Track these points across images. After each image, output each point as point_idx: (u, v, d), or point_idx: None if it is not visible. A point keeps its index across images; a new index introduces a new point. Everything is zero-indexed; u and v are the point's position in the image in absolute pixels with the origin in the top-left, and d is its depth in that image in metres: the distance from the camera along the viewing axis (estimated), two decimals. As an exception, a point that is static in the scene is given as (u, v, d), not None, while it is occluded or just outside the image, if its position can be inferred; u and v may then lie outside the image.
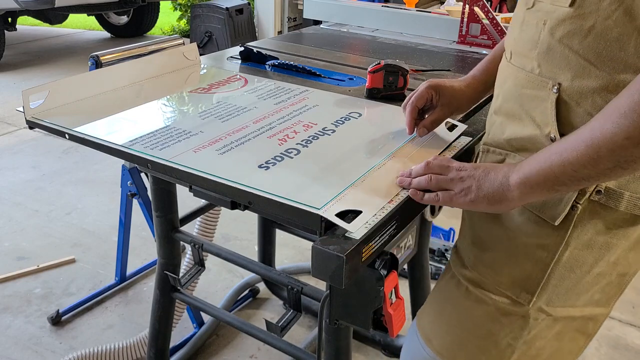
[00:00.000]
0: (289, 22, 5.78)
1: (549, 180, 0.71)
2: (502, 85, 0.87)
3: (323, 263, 0.73)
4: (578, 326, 0.88)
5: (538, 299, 0.84)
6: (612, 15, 0.68)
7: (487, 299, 0.88)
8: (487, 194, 0.77)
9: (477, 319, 0.90)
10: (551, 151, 0.71)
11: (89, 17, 6.71)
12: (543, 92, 0.77)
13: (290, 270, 2.20)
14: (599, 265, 0.80)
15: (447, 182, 0.82)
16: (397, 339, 1.82)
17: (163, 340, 1.57)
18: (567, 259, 0.80)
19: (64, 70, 4.96)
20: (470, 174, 0.80)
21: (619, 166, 0.65)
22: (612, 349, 1.89)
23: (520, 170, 0.74)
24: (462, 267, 0.93)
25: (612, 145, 0.64)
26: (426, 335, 0.99)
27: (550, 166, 0.70)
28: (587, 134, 0.66)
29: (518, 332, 0.87)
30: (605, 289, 0.84)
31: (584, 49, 0.72)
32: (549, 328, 0.86)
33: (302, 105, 1.22)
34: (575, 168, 0.67)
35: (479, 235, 0.91)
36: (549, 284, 0.82)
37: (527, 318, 0.85)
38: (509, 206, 0.77)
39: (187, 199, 1.25)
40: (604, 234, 0.78)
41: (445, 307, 0.97)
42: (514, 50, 0.85)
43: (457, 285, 0.93)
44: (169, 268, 1.43)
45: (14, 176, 3.01)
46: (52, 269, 2.23)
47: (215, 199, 0.96)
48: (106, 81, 1.28)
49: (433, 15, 2.05)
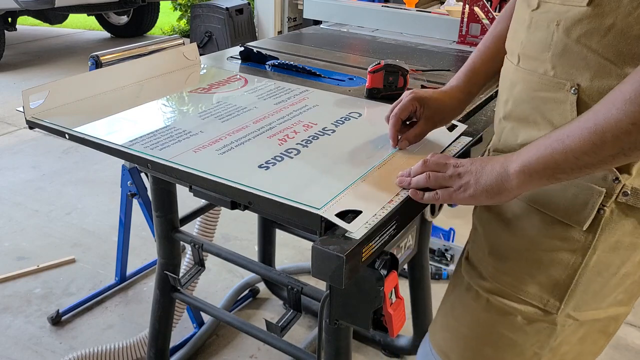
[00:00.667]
0: (289, 22, 5.78)
1: (549, 167, 0.70)
2: (511, 90, 0.85)
3: (323, 263, 0.73)
4: (601, 327, 0.87)
5: (566, 306, 0.82)
6: (633, 13, 0.67)
7: (512, 310, 0.86)
8: (485, 187, 0.76)
9: (499, 330, 0.88)
10: (552, 138, 0.70)
11: (89, 17, 6.71)
12: (560, 93, 0.76)
13: (290, 270, 2.20)
14: (625, 266, 0.79)
15: (445, 179, 0.81)
16: (397, 339, 1.82)
17: (163, 340, 1.57)
18: (595, 262, 0.79)
19: (64, 70, 4.96)
20: (468, 169, 0.79)
21: (622, 153, 0.65)
22: (612, 349, 1.89)
23: (519, 158, 0.73)
24: (480, 278, 0.90)
25: (617, 131, 0.63)
26: (442, 350, 0.97)
27: (552, 153, 0.69)
28: (590, 121, 0.66)
29: (545, 341, 0.85)
30: (629, 289, 0.83)
31: (603, 48, 0.71)
32: (574, 333, 0.85)
33: (302, 105, 1.22)
34: (577, 155, 0.67)
35: (497, 245, 0.88)
36: (577, 289, 0.81)
37: (554, 326, 0.84)
38: (509, 196, 0.76)
39: (187, 199, 1.25)
40: (630, 235, 0.77)
41: (461, 320, 0.94)
42: (522, 54, 0.83)
43: (476, 297, 0.90)
44: (169, 268, 1.43)
45: (14, 176, 3.01)
46: (52, 269, 2.23)
47: (215, 199, 0.96)
48: (106, 81, 1.28)
49: (433, 15, 2.05)
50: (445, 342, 0.97)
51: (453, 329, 0.96)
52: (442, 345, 0.98)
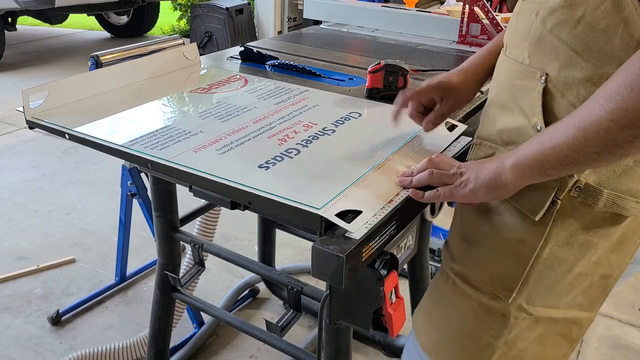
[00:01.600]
0: (289, 22, 5.78)
1: (540, 163, 0.71)
2: (497, 77, 0.89)
3: (323, 263, 0.73)
4: (561, 330, 0.87)
5: (518, 296, 0.84)
6: (600, 6, 0.69)
7: (472, 294, 0.89)
8: (484, 182, 0.78)
9: (462, 314, 0.91)
10: (544, 134, 0.72)
11: (89, 17, 6.72)
12: (532, 82, 0.78)
13: (290, 270, 2.20)
14: (579, 264, 0.81)
15: (448, 177, 0.82)
16: (397, 339, 1.82)
17: (163, 340, 1.57)
18: (547, 255, 0.81)
19: (64, 70, 4.96)
20: (468, 167, 0.81)
21: (606, 150, 0.65)
22: (612, 349, 1.89)
23: (515, 154, 0.75)
24: (452, 261, 0.93)
25: (598, 127, 0.64)
26: (417, 330, 1.00)
27: (541, 149, 0.71)
28: (575, 117, 0.67)
29: (498, 331, 0.86)
30: (587, 292, 0.84)
31: (572, 40, 0.72)
32: (530, 329, 0.86)
33: (302, 105, 1.22)
34: (564, 151, 0.68)
35: (468, 230, 0.92)
36: (529, 281, 0.83)
37: (507, 316, 0.85)
38: (507, 191, 0.77)
39: (187, 199, 1.25)
40: (584, 232, 0.78)
41: (435, 302, 0.98)
42: (509, 43, 0.86)
43: (446, 279, 0.94)
44: (169, 268, 1.43)
45: (14, 176, 3.01)
46: (52, 269, 2.23)
47: (215, 199, 0.96)
48: (106, 81, 1.28)
49: (433, 15, 2.05)
50: (420, 321, 1.00)
51: (426, 309, 0.99)
52: (418, 325, 1.00)
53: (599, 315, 2.02)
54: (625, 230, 0.78)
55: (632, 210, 0.75)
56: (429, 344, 0.96)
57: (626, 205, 0.75)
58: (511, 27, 0.87)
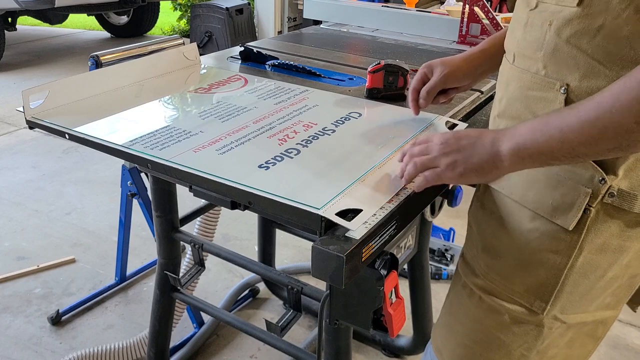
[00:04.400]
0: (289, 22, 5.79)
1: (544, 154, 0.70)
2: (506, 88, 0.86)
3: (323, 263, 0.73)
4: (588, 331, 0.86)
5: (552, 307, 0.82)
6: (622, 14, 0.68)
7: (501, 308, 0.86)
8: (476, 166, 0.76)
9: (489, 329, 0.88)
10: (550, 124, 0.69)
11: (89, 17, 6.72)
12: (550, 93, 0.76)
13: (290, 270, 2.20)
14: (612, 269, 0.79)
15: (431, 161, 0.81)
16: (397, 339, 1.82)
17: (163, 340, 1.57)
18: (581, 264, 0.78)
19: (64, 70, 4.96)
20: (455, 147, 0.78)
21: (618, 148, 0.65)
22: (612, 349, 1.89)
23: (513, 138, 0.73)
24: (474, 275, 0.90)
25: (620, 128, 0.63)
26: (437, 347, 0.98)
27: (548, 140, 0.69)
28: (592, 113, 0.65)
29: (532, 343, 0.85)
30: (616, 292, 0.83)
31: (592, 49, 0.71)
32: (561, 336, 0.85)
33: (302, 105, 1.22)
34: (574, 146, 0.67)
35: (490, 242, 0.88)
36: (563, 291, 0.80)
37: (541, 327, 0.83)
38: (498, 175, 0.76)
39: (187, 199, 1.25)
40: (617, 237, 0.77)
41: (457, 317, 0.94)
42: (517, 52, 0.84)
43: (470, 295, 0.91)
44: (169, 268, 1.43)
45: (14, 176, 3.01)
46: (52, 269, 2.23)
47: (215, 199, 0.96)
48: (106, 81, 1.28)
49: (433, 15, 2.05)
50: (441, 338, 0.98)
51: (448, 325, 0.97)
52: (438, 342, 0.98)
53: (599, 315, 2.02)
54: None
55: None
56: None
57: None
58: (517, 37, 0.84)
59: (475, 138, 0.77)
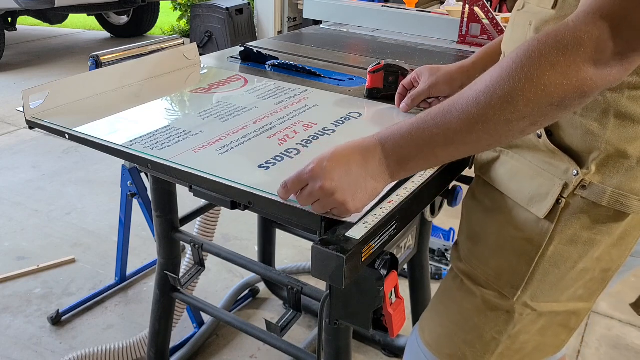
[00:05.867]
0: (289, 22, 5.79)
1: (430, 162, 0.74)
2: None
3: (323, 263, 0.73)
4: (561, 321, 0.89)
5: (523, 294, 0.85)
6: None
7: (477, 291, 0.90)
8: (364, 197, 0.75)
9: (466, 311, 0.92)
10: (432, 132, 0.70)
11: (89, 17, 6.71)
12: None
13: (290, 270, 2.20)
14: (583, 261, 0.82)
15: (313, 196, 0.76)
16: (397, 339, 1.82)
17: (163, 340, 1.57)
18: (552, 253, 0.82)
19: (64, 70, 4.96)
20: (334, 186, 0.74)
21: (498, 142, 0.71)
22: (612, 349, 1.89)
23: (396, 153, 0.73)
24: (459, 260, 0.95)
25: (487, 126, 0.67)
26: (421, 326, 1.01)
27: (434, 149, 0.71)
28: (463, 121, 0.69)
29: (503, 327, 0.88)
30: (588, 285, 0.86)
31: None
32: (533, 323, 0.88)
33: (302, 105, 1.22)
34: (459, 147, 0.71)
35: (474, 230, 0.93)
36: (534, 278, 0.84)
37: (512, 313, 0.87)
38: (383, 186, 0.77)
39: (187, 199, 1.25)
40: (588, 230, 0.80)
41: (441, 299, 0.99)
42: (505, 51, 0.88)
43: (454, 278, 0.96)
44: (169, 268, 1.43)
45: (14, 176, 3.01)
46: (52, 269, 2.23)
47: (215, 199, 0.96)
48: (106, 81, 1.28)
49: (433, 15, 2.05)
50: (425, 319, 1.02)
51: (434, 306, 1.01)
52: (423, 322, 1.02)
53: (599, 315, 2.02)
54: (626, 226, 0.80)
55: (634, 207, 0.77)
56: (432, 340, 0.98)
57: (629, 204, 0.77)
58: (507, 36, 0.88)
59: (352, 163, 0.75)
